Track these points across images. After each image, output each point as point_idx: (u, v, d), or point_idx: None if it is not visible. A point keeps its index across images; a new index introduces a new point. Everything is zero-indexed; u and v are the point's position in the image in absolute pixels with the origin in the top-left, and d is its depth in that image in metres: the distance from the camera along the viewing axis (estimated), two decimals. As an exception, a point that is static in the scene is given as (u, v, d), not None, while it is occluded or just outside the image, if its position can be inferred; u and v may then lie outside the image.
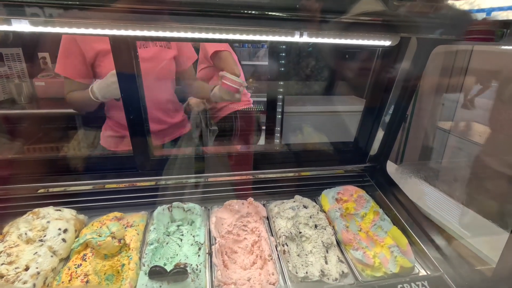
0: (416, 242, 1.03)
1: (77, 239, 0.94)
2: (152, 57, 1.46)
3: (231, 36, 0.84)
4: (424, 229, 1.04)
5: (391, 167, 1.34)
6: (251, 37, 0.85)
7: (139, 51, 1.36)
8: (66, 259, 0.92)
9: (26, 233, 0.90)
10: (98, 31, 0.77)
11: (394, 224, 1.09)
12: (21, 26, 0.65)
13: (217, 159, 1.31)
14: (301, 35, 0.82)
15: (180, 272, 0.83)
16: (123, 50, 1.03)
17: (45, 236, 0.90)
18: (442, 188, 1.23)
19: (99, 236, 0.92)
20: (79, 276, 0.83)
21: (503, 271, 0.82)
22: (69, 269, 0.85)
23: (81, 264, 0.86)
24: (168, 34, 0.82)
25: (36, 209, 1.00)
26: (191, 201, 1.19)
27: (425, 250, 0.99)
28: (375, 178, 1.33)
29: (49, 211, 0.99)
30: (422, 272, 0.96)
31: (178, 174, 1.26)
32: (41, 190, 1.17)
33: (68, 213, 1.02)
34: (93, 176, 1.19)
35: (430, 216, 1.10)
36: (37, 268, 0.81)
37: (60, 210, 1.02)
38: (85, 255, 0.90)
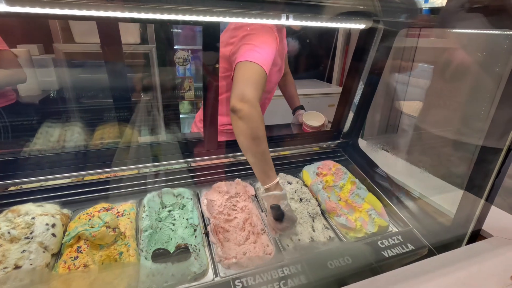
0: (389, 204, 1.17)
1: (67, 233, 0.90)
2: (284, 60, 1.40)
3: (208, 18, 0.82)
4: (394, 193, 1.19)
5: (362, 142, 1.47)
6: (234, 19, 0.86)
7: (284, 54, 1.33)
8: (57, 254, 0.89)
9: (9, 232, 0.84)
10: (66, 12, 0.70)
11: (369, 191, 1.22)
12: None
13: (199, 144, 1.32)
14: (287, 18, 0.86)
15: (184, 252, 0.86)
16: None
17: (31, 232, 0.85)
18: (405, 157, 1.40)
19: (91, 227, 0.90)
20: (78, 267, 0.81)
21: (459, 220, 0.99)
22: (65, 263, 0.82)
23: (77, 257, 0.84)
24: (136, 15, 0.77)
25: (15, 207, 0.93)
26: (177, 187, 1.20)
27: (397, 210, 1.14)
28: (348, 152, 1.45)
29: (30, 208, 0.93)
30: (395, 229, 1.10)
31: (160, 161, 1.25)
32: (12, 188, 1.08)
33: (51, 208, 0.97)
34: (71, 169, 1.13)
35: (398, 181, 1.25)
36: (31, 264, 0.77)
37: (42, 205, 0.96)
38: (79, 247, 0.87)
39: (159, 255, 0.85)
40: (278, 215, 0.97)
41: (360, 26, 1.00)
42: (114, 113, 1.64)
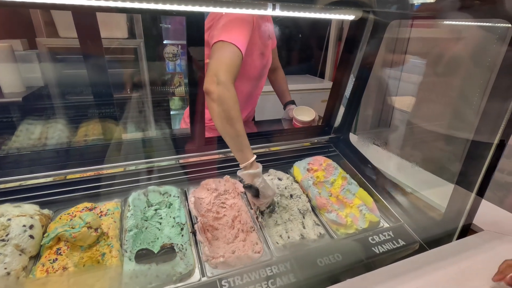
0: (380, 200, 1.15)
1: (46, 234, 0.86)
2: (270, 49, 1.39)
3: (190, 8, 0.78)
4: (386, 188, 1.18)
5: (352, 137, 1.45)
6: (211, 8, 0.82)
7: (267, 46, 1.31)
8: (36, 257, 0.85)
9: (-17, 234, 0.80)
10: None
11: (360, 187, 1.20)
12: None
13: (186, 140, 1.29)
14: (273, 8, 0.83)
15: (169, 252, 0.83)
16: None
17: (7, 235, 0.81)
18: (397, 152, 1.39)
19: (72, 228, 0.86)
20: (56, 270, 0.77)
21: (450, 214, 0.98)
22: (43, 266, 0.78)
23: (56, 259, 0.80)
24: (112, 3, 0.72)
25: (-10, 208, 0.89)
26: (164, 184, 1.16)
27: (388, 205, 1.13)
28: (339, 147, 1.43)
29: (7, 209, 0.88)
30: (386, 225, 1.09)
31: (147, 158, 1.21)
32: (-11, 188, 1.03)
33: (30, 208, 0.93)
34: (53, 167, 1.09)
35: (389, 176, 1.23)
36: (5, 268, 0.73)
37: (19, 206, 0.92)
38: (59, 249, 0.84)
39: (143, 255, 0.82)
40: (252, 192, 1.03)
41: (350, 17, 0.97)
42: (99, 110, 1.59)
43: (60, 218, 0.95)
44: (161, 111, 2.31)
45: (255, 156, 1.01)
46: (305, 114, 1.50)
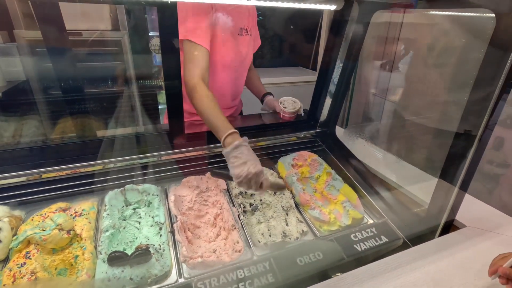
0: (364, 195, 1.13)
1: (15, 237, 0.83)
2: (247, 45, 1.36)
3: None
4: (370, 184, 1.16)
5: (339, 131, 1.43)
6: None
7: (239, 39, 1.29)
8: (5, 261, 0.82)
9: None
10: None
11: (345, 182, 1.18)
12: None
13: (168, 136, 1.25)
14: (249, -3, 0.79)
15: (143, 253, 0.80)
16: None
17: (-27, 239, 0.78)
18: (382, 146, 1.37)
19: (42, 230, 0.83)
20: (24, 275, 0.74)
21: (434, 210, 0.96)
22: (10, 270, 0.75)
23: (25, 263, 0.77)
24: None
25: (-45, 211, 0.85)
26: (145, 182, 1.13)
27: (372, 201, 1.11)
28: (326, 142, 1.41)
29: (-27, 211, 0.85)
30: (370, 221, 1.07)
31: (128, 155, 1.17)
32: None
33: (-1, 210, 0.89)
34: (27, 166, 1.04)
35: (374, 171, 1.21)
36: (-31, 274, 0.70)
37: (-13, 208, 0.88)
38: (28, 252, 0.80)
39: (115, 258, 0.79)
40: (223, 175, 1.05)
41: (332, 7, 0.93)
42: (79, 105, 1.54)
43: (32, 220, 0.92)
44: (147, 105, 2.25)
45: (228, 132, 0.99)
46: (290, 105, 1.45)
